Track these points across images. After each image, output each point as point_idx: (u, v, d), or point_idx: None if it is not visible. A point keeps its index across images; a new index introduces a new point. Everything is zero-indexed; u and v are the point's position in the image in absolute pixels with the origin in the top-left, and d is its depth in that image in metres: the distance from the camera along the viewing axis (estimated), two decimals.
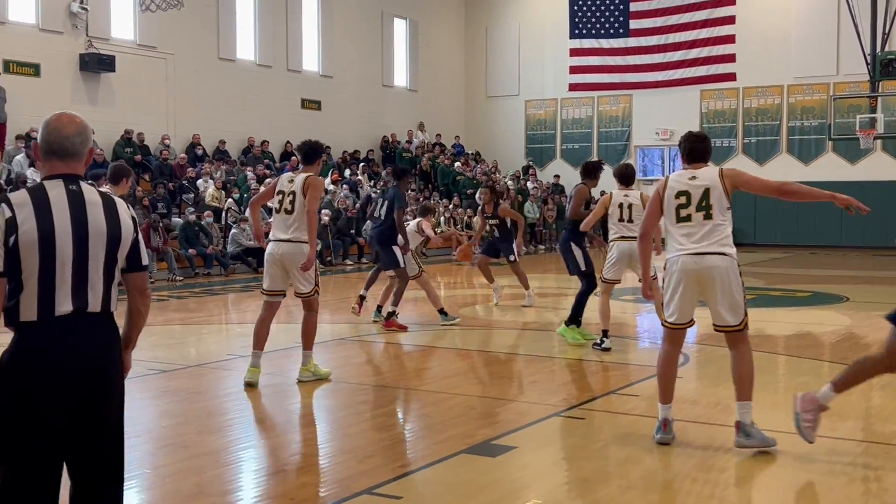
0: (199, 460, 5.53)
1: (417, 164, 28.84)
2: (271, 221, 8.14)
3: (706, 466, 5.36)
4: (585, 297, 9.72)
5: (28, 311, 3.13)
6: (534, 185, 29.76)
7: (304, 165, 7.98)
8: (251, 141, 24.55)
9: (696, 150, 5.87)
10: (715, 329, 5.76)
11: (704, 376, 8.32)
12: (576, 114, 32.12)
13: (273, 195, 7.89)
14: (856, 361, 5.64)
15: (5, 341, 3.18)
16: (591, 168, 10.25)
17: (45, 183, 3.23)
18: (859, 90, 24.97)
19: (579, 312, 9.71)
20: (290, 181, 7.77)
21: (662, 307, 5.88)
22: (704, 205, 5.61)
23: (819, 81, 27.97)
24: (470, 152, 31.88)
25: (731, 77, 29.13)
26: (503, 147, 32.82)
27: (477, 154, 31.96)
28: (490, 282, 13.78)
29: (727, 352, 5.80)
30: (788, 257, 24.33)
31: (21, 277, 3.12)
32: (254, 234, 8.85)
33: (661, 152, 31.52)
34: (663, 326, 5.87)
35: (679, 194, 5.68)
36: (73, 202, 3.21)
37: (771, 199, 6.98)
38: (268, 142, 24.86)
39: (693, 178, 5.70)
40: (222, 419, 6.83)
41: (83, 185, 3.29)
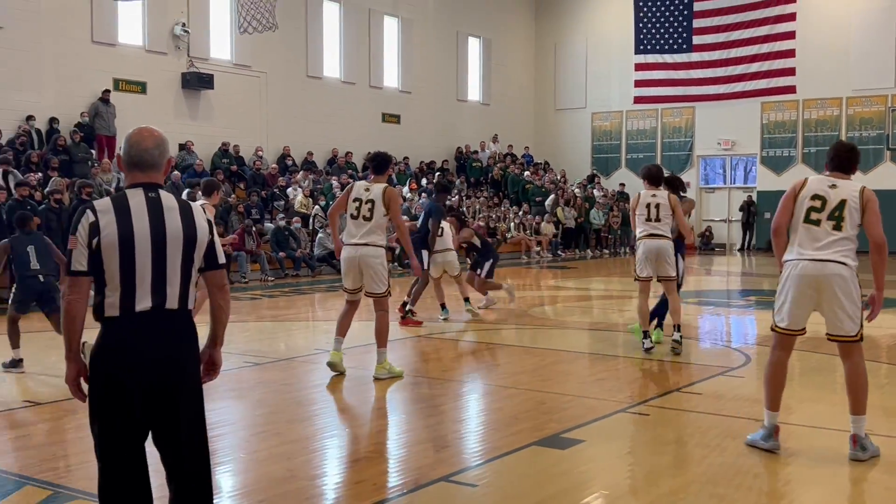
0: (290, 447, 5.62)
1: (489, 174, 28.85)
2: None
3: (770, 463, 5.23)
4: (667, 304, 9.36)
5: (112, 308, 3.24)
6: (600, 193, 29.50)
7: (376, 175, 8.04)
8: (335, 152, 24.84)
9: (841, 159, 5.40)
10: (828, 338, 5.33)
11: None
12: (640, 125, 31.73)
13: (347, 203, 7.91)
14: None
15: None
16: (675, 181, 9.64)
17: (128, 191, 3.34)
18: None
19: (662, 315, 9.53)
20: (367, 189, 7.80)
21: (774, 311, 5.43)
22: (837, 215, 5.20)
23: (877, 93, 27.12)
24: (539, 162, 31.73)
25: (791, 90, 28.44)
26: (570, 157, 32.60)
27: (546, 164, 31.80)
28: (497, 287, 12.79)
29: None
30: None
31: (105, 276, 3.23)
32: (334, 243, 8.96)
33: (723, 162, 30.90)
34: (773, 332, 5.45)
35: (815, 197, 5.26)
36: (152, 208, 3.30)
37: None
38: (351, 153, 25.12)
39: (833, 186, 5.28)
40: (310, 409, 6.92)
41: (162, 193, 3.36)
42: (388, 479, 5.05)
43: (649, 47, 30.23)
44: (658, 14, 30.09)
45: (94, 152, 18.62)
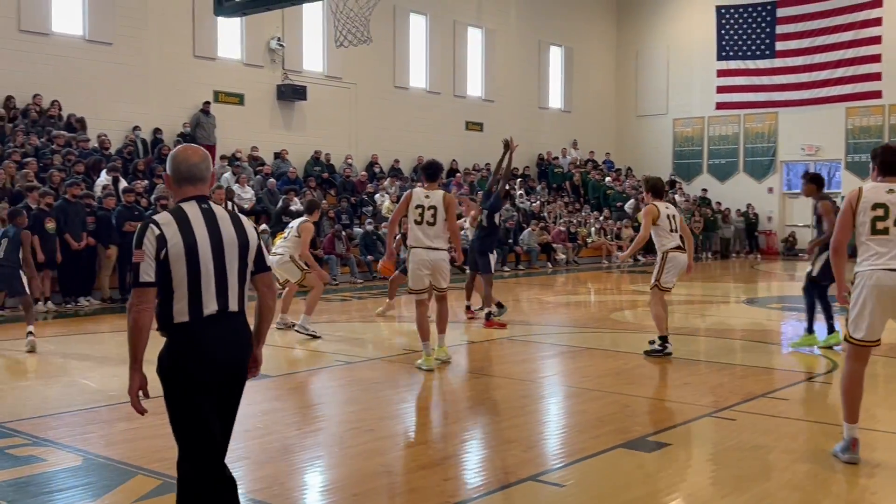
0: (382, 443, 5.69)
1: (569, 180, 28.65)
2: (407, 231, 8.65)
3: (858, 471, 5.06)
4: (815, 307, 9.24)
5: (181, 314, 3.36)
6: (682, 199, 28.99)
7: (429, 182, 8.39)
8: (420, 159, 25.01)
9: (891, 163, 5.19)
10: None
11: None
12: (722, 131, 31.04)
13: (407, 210, 8.24)
14: None
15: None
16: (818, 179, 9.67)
17: (182, 205, 3.47)
18: None
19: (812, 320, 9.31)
20: (427, 197, 8.16)
21: (848, 322, 5.19)
22: None
23: None
24: (620, 168, 31.35)
25: (877, 94, 27.40)
26: (651, 163, 32.07)
27: (629, 169, 31.40)
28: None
29: (877, 362, 5.44)
30: None
31: (172, 285, 3.35)
32: (387, 249, 9.38)
33: (807, 167, 29.96)
34: (848, 343, 5.21)
35: (876, 206, 5.03)
36: (208, 218, 3.45)
37: None
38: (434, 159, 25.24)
39: (891, 192, 5.07)
40: (400, 407, 6.99)
41: (212, 204, 3.52)
42: (476, 477, 5.07)
43: (732, 53, 29.59)
44: (741, 21, 29.43)
45: None
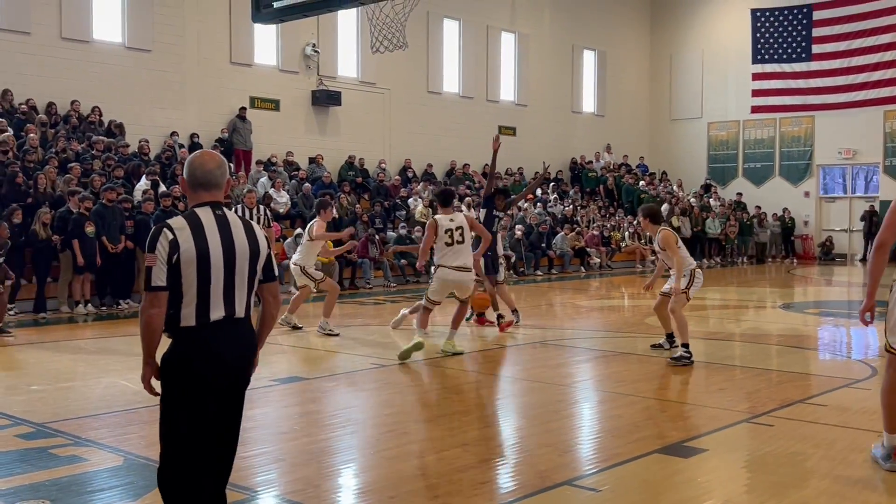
0: (417, 446, 5.70)
1: (603, 184, 28.51)
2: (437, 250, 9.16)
3: (894, 479, 4.97)
4: None
5: (188, 318, 3.39)
6: (717, 203, 28.72)
7: (444, 208, 9.18)
8: (453, 164, 25.05)
9: None
10: None
11: None
12: (757, 134, 30.69)
13: (436, 237, 8.96)
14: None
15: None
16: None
17: (197, 210, 3.49)
18: None
19: None
20: (451, 220, 9.00)
21: (887, 332, 5.01)
22: None
23: None
24: (654, 172, 31.13)
25: None
26: (686, 166, 31.84)
27: (663, 173, 31.16)
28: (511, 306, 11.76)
29: None
30: None
31: (181, 290, 3.37)
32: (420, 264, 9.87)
33: (844, 171, 29.57)
34: (888, 352, 5.03)
35: None
36: (221, 225, 3.46)
37: None
38: (468, 164, 25.29)
39: None
40: (435, 410, 6.99)
41: (226, 210, 3.54)
42: (512, 481, 5.05)
43: (767, 57, 29.29)
44: (776, 24, 29.11)
45: (233, 166, 19.39)
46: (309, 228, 10.89)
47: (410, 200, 21.86)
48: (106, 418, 6.45)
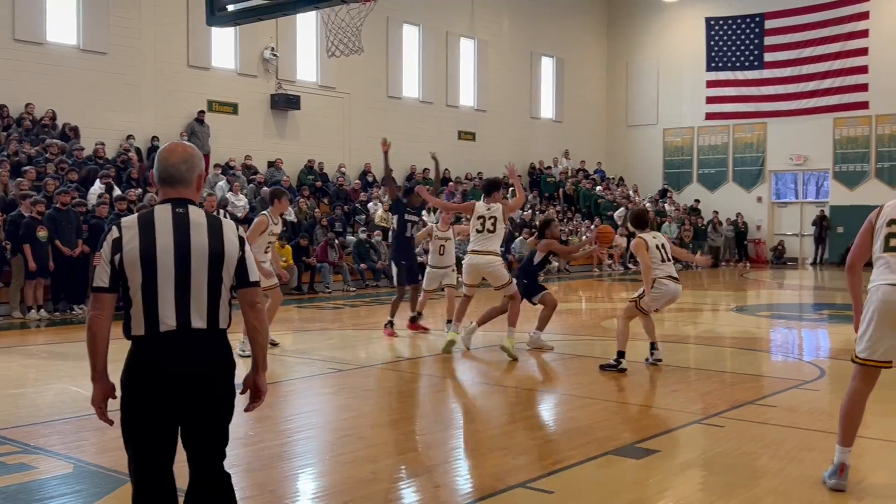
0: (373, 450, 5.66)
1: (562, 188, 28.69)
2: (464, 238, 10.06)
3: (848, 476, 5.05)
4: None
5: (137, 326, 3.11)
6: (672, 208, 29.08)
7: (487, 197, 9.48)
8: (413, 168, 25.04)
9: None
10: None
11: (840, 389, 7.85)
12: (712, 141, 31.15)
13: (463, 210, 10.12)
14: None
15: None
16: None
17: (156, 207, 3.20)
18: None
19: None
20: (488, 209, 9.34)
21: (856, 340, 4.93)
22: None
23: None
24: (611, 177, 31.43)
25: (864, 105, 27.56)
26: (642, 172, 32.20)
27: (620, 179, 31.47)
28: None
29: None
30: None
31: (129, 294, 3.10)
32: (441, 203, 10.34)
33: (795, 177, 30.12)
34: (853, 362, 4.95)
35: (892, 222, 4.76)
36: (178, 224, 3.14)
37: None
38: (428, 169, 25.26)
39: None
40: (391, 414, 6.96)
41: (191, 209, 3.21)
42: (466, 484, 5.05)
43: (721, 64, 29.74)
44: (730, 32, 29.58)
45: None
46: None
47: (370, 205, 21.81)
48: (56, 425, 6.32)
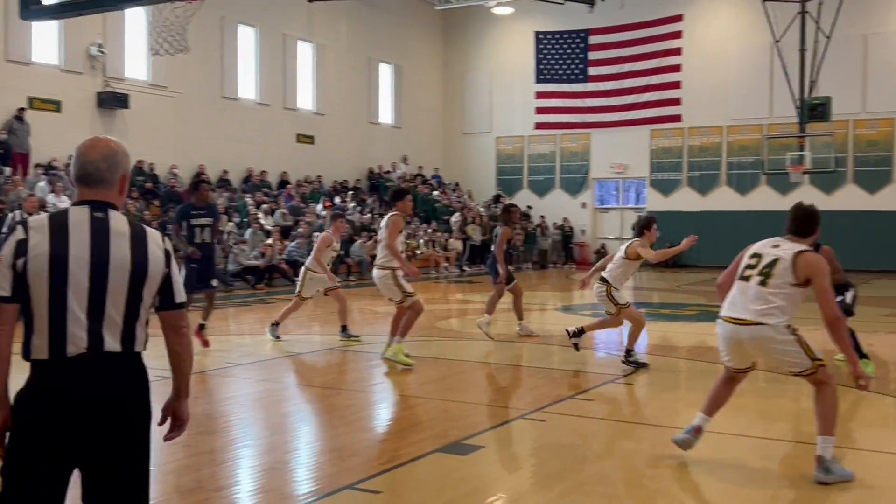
0: (199, 458, 5.45)
1: None
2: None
3: (657, 463, 5.33)
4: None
5: (39, 348, 2.60)
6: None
7: (393, 206, 8.96)
8: (250, 171, 24.45)
9: (795, 223, 5.20)
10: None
11: (654, 382, 8.30)
12: (540, 149, 32.27)
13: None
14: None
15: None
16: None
17: (71, 209, 2.72)
18: (789, 131, 25.21)
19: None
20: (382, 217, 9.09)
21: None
22: (766, 272, 4.99)
23: (754, 123, 28.26)
24: (448, 182, 31.93)
25: (677, 118, 29.40)
26: (477, 178, 32.91)
27: (457, 184, 32.01)
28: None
29: (679, 363, 5.73)
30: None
31: (31, 308, 2.60)
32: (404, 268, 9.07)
33: (616, 184, 31.70)
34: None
35: (754, 255, 5.12)
36: (97, 231, 2.67)
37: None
38: (266, 171, 24.78)
39: (776, 246, 5.10)
40: (220, 421, 6.73)
41: (112, 214, 2.74)
42: (296, 488, 4.94)
43: (549, 77, 30.84)
44: (557, 46, 30.73)
45: (9, 169, 17.87)
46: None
47: None
48: None
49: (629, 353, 8.67)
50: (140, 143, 21.40)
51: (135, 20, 21.36)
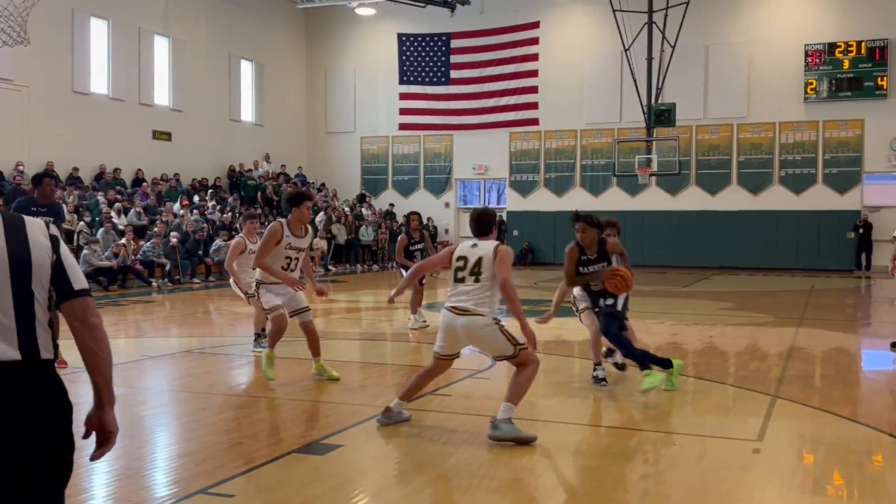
0: None
1: (262, 192, 28.30)
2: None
3: (507, 454, 5.47)
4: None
5: None
6: (369, 212, 29.84)
7: (288, 210, 8.15)
8: (103, 168, 23.35)
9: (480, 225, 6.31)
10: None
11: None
12: (405, 150, 32.44)
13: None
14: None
15: None
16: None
17: None
18: (638, 135, 26.44)
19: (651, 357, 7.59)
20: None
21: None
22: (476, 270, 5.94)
23: (606, 127, 29.47)
24: (312, 181, 31.56)
25: (535, 122, 30.27)
26: (342, 177, 32.74)
27: (323, 184, 31.69)
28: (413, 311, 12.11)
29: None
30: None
31: None
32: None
33: (479, 185, 32.27)
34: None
35: (460, 258, 6.10)
36: None
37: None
38: (120, 169, 23.73)
39: (474, 246, 6.13)
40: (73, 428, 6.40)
41: None
42: (148, 494, 4.77)
43: (412, 78, 31.06)
44: (420, 49, 30.98)
45: None
46: None
47: None
48: None
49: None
50: None
51: None
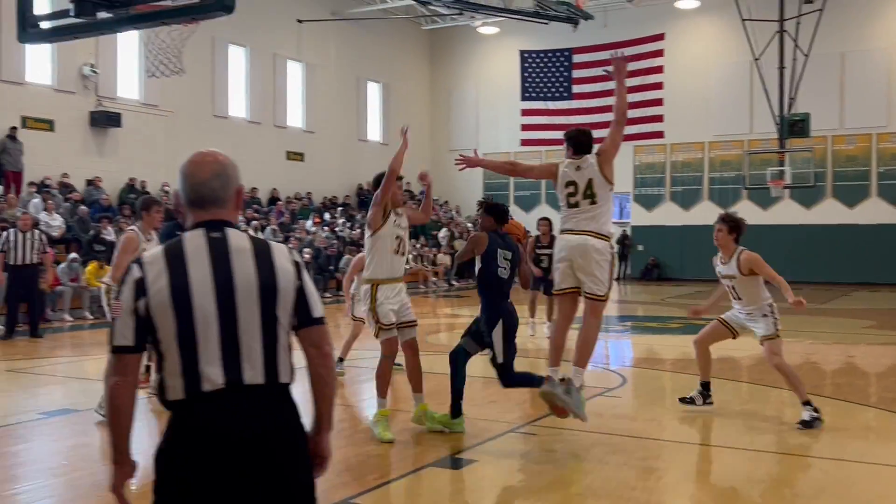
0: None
1: None
2: None
3: (644, 474, 5.38)
4: None
5: (174, 389, 2.33)
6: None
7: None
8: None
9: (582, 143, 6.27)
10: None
11: (641, 395, 8.36)
12: None
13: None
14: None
15: None
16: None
17: (186, 234, 2.47)
18: (769, 146, 25.48)
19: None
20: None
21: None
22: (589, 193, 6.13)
23: (735, 138, 28.54)
24: (436, 198, 32.00)
25: (660, 135, 29.62)
26: (464, 193, 33.03)
27: (445, 202, 32.11)
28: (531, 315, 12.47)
29: (663, 376, 5.79)
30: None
31: (161, 348, 2.35)
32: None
33: None
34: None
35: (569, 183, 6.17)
36: (216, 251, 2.40)
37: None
38: (256, 188, 24.78)
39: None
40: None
41: (229, 232, 2.47)
42: None
43: (534, 95, 31.06)
44: (542, 65, 30.97)
45: (2, 188, 17.84)
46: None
47: None
48: None
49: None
50: (132, 162, 21.47)
51: (127, 41, 21.39)
